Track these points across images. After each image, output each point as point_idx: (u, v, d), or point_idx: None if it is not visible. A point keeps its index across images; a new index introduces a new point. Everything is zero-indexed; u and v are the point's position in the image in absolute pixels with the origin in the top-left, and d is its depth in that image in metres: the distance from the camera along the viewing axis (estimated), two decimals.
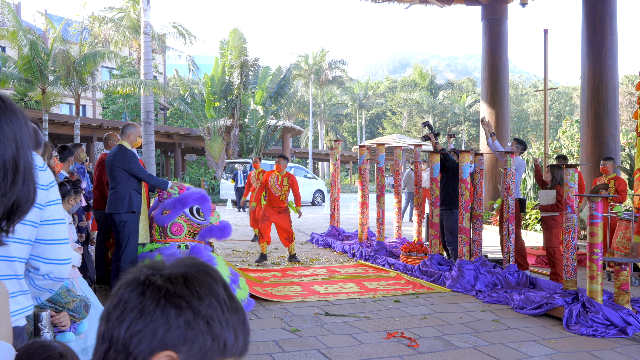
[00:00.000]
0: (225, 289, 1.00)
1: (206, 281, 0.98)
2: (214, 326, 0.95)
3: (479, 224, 8.61)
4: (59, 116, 26.80)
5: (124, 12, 29.57)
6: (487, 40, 15.81)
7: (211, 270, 1.01)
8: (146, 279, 0.97)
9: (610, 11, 12.08)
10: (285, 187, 9.88)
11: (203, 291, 0.96)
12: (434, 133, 9.48)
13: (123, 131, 6.88)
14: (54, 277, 2.28)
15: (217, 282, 1.00)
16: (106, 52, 22.45)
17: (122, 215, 6.54)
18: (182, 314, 0.93)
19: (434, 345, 5.33)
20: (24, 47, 20.64)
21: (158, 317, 0.93)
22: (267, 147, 32.81)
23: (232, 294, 1.00)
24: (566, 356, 5.06)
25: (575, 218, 6.89)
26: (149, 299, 0.94)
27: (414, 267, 8.79)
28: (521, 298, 6.84)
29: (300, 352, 5.05)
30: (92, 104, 38.32)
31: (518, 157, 8.84)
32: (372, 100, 60.11)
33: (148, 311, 0.93)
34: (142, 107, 21.22)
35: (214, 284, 0.99)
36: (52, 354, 1.42)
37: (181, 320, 0.93)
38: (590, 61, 12.16)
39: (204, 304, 0.95)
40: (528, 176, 16.37)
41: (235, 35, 30.83)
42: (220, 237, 6.17)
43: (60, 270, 2.30)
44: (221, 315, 0.96)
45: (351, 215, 19.08)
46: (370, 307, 6.79)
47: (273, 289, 7.68)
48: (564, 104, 56.83)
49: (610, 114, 12.06)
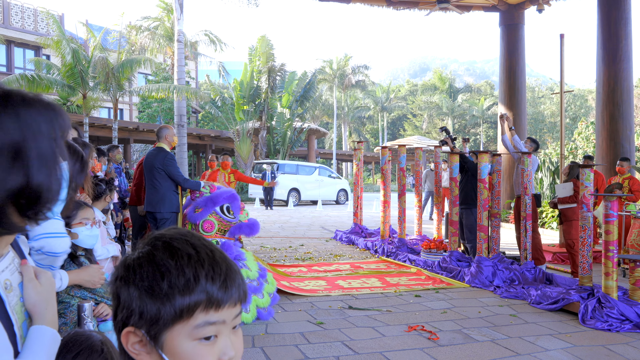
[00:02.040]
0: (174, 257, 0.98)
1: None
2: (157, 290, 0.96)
3: (497, 222, 8.55)
4: (98, 119, 27.12)
5: (159, 21, 29.89)
6: (505, 45, 15.67)
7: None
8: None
9: (625, 15, 11.89)
10: (232, 183, 10.00)
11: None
12: (451, 138, 9.46)
13: (159, 135, 6.95)
14: (46, 251, 2.31)
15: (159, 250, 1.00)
16: (142, 59, 22.74)
17: (164, 214, 6.69)
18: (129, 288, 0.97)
19: (453, 338, 5.30)
20: (67, 55, 21.01)
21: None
22: (293, 149, 32.86)
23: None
24: (582, 350, 5.00)
25: (591, 216, 6.81)
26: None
27: (434, 263, 8.75)
28: (538, 293, 6.78)
29: (325, 344, 5.06)
30: (129, 108, 38.70)
31: (533, 156, 8.78)
32: (393, 103, 59.88)
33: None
34: (176, 111, 21.38)
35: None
36: (93, 342, 1.45)
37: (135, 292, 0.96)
38: (606, 64, 11.98)
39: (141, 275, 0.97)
40: (545, 176, 16.18)
41: (263, 42, 30.93)
42: (249, 234, 6.19)
43: (52, 245, 2.32)
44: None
45: (373, 214, 19.04)
46: (392, 302, 6.78)
47: (299, 283, 7.70)
48: (580, 106, 56.10)
49: (625, 116, 11.87)
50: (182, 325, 0.94)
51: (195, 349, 0.95)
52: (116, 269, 1.01)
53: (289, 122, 31.81)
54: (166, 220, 6.72)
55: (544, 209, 14.16)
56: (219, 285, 0.96)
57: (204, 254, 0.98)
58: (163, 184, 6.72)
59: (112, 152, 9.20)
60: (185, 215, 6.24)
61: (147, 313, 0.94)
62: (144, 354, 0.97)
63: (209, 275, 0.96)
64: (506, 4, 15.52)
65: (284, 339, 5.19)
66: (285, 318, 5.96)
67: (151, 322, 0.94)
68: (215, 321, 0.96)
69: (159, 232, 1.03)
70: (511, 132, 9.03)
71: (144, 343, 0.96)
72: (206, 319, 0.95)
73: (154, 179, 6.73)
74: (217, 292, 0.96)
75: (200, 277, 0.95)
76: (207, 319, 0.95)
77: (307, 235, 13.55)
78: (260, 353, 4.78)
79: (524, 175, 8.21)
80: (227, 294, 0.97)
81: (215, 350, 0.96)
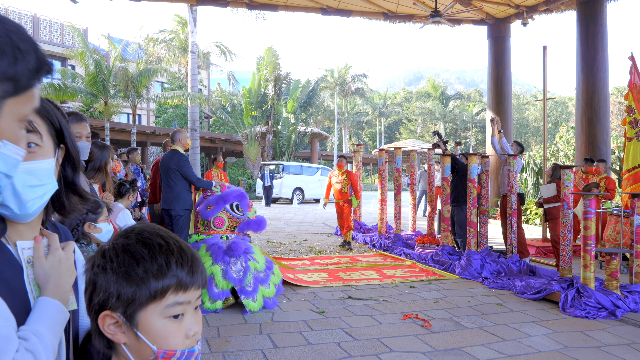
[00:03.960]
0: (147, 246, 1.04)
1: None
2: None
3: (485, 218, 8.55)
4: (118, 124, 27.13)
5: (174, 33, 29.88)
6: (493, 56, 15.66)
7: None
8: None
9: (602, 30, 11.89)
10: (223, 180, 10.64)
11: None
12: (443, 141, 9.45)
13: (173, 138, 6.96)
14: None
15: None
16: (158, 69, 22.76)
17: (179, 211, 6.70)
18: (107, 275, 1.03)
19: (444, 325, 5.31)
20: (90, 66, 21.06)
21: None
22: (297, 151, 32.83)
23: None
24: (562, 335, 5.00)
25: (571, 213, 6.82)
26: None
27: (427, 256, 8.75)
28: (522, 284, 6.78)
29: (326, 331, 5.07)
30: (147, 114, 38.70)
31: (518, 158, 8.78)
32: (390, 109, 59.74)
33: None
34: (189, 116, 21.40)
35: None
36: None
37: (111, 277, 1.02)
38: (584, 74, 11.98)
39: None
40: (529, 176, 16.18)
41: (269, 52, 30.92)
42: (256, 230, 6.20)
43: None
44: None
45: (372, 211, 19.02)
46: (388, 292, 6.79)
47: (302, 275, 7.71)
48: (561, 112, 55.99)
49: (602, 121, 11.87)
50: (154, 306, 1.01)
51: (166, 325, 1.02)
52: (91, 258, 1.07)
53: (293, 126, 31.78)
54: (180, 217, 6.74)
55: (528, 206, 14.17)
56: (186, 271, 1.04)
57: (172, 244, 1.05)
58: (178, 184, 6.74)
59: (131, 154, 9.22)
60: (198, 212, 6.26)
61: (124, 295, 1.00)
62: (119, 333, 1.03)
63: (179, 262, 1.04)
64: (493, 18, 15.52)
65: (289, 326, 5.20)
66: (290, 307, 5.97)
67: (127, 303, 1.00)
68: (183, 301, 1.03)
69: (129, 227, 1.09)
70: (500, 135, 9.02)
71: (119, 324, 1.03)
72: (175, 300, 1.02)
73: (169, 179, 6.75)
74: (185, 277, 1.03)
75: (171, 263, 1.03)
76: (176, 299, 1.02)
77: (310, 231, 13.55)
78: (267, 339, 4.80)
79: (509, 175, 8.21)
80: (193, 278, 1.05)
81: (182, 326, 1.04)
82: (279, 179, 24.70)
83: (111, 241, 1.06)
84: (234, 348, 4.52)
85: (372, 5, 15.25)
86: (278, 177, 24.78)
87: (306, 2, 15.08)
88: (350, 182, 10.37)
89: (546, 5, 13.85)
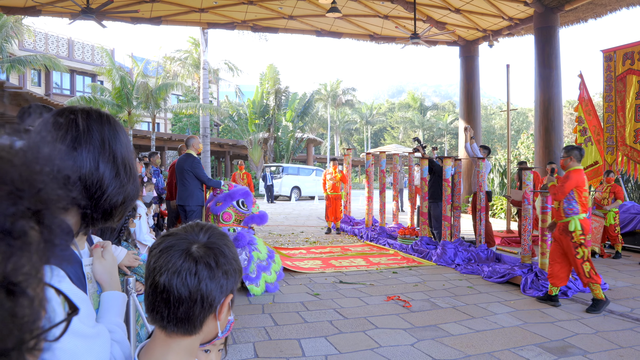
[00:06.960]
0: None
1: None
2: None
3: (458, 213, 8.57)
4: (140, 131, 27.01)
5: (188, 53, 29.81)
6: (464, 72, 15.70)
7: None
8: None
9: (555, 51, 11.97)
10: (244, 180, 11.58)
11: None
12: (422, 146, 9.45)
13: (187, 143, 6.95)
14: None
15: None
16: (175, 83, 22.78)
17: (192, 207, 6.70)
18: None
19: (423, 306, 5.33)
20: (116, 81, 21.12)
21: None
22: (295, 154, 32.79)
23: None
24: (522, 313, 5.04)
25: (531, 208, 6.85)
26: None
27: (408, 246, 8.77)
28: (489, 269, 6.81)
29: (320, 311, 5.08)
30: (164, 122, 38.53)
31: (486, 160, 8.80)
32: (375, 118, 59.72)
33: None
34: (201, 124, 21.31)
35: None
36: None
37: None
38: (541, 89, 12.03)
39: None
40: (495, 176, 16.22)
41: (271, 69, 30.85)
42: (259, 223, 6.21)
43: None
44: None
45: (360, 207, 19.03)
46: (374, 277, 6.80)
47: (300, 262, 7.71)
48: (522, 121, 56.19)
49: (557, 130, 11.93)
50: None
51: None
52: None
53: (291, 133, 31.74)
54: (193, 211, 6.73)
55: (494, 202, 14.21)
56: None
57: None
58: (191, 183, 6.73)
59: (152, 157, 9.18)
60: (209, 208, 6.26)
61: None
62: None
63: None
64: (464, 40, 15.57)
65: (288, 307, 5.21)
66: (288, 290, 5.98)
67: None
68: None
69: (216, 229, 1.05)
70: (471, 141, 9.04)
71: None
72: None
73: (184, 178, 6.74)
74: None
75: None
76: None
77: (306, 224, 13.55)
78: (269, 318, 4.81)
79: (479, 176, 8.24)
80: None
81: None
82: (279, 178, 24.65)
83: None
84: (240, 326, 4.53)
85: (359, 29, 15.29)
86: (278, 177, 24.73)
87: (303, 26, 15.10)
88: (341, 179, 11.10)
89: (509, 30, 13.95)
